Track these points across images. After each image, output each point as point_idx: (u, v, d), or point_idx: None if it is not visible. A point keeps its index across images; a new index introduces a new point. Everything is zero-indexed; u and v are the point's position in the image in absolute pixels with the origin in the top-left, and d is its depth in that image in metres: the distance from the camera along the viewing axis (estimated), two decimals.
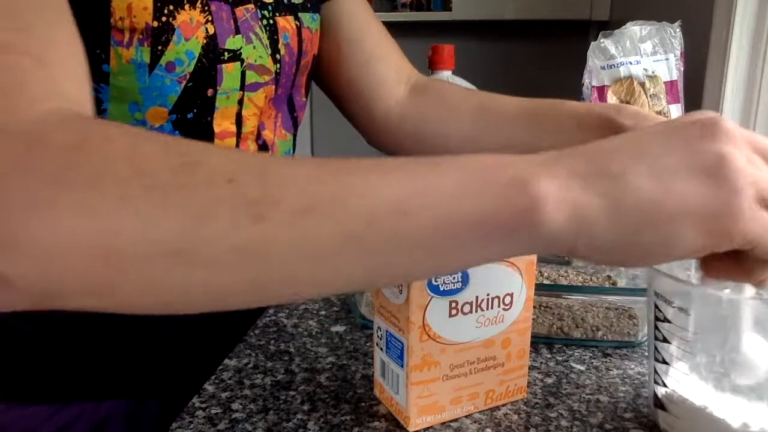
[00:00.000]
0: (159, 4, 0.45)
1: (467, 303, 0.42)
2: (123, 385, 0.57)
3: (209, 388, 0.49)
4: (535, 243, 0.28)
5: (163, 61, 0.46)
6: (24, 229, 0.25)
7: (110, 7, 0.44)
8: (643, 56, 0.81)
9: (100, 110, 0.46)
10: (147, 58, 0.45)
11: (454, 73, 0.97)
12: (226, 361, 0.53)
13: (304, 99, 0.65)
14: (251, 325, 0.59)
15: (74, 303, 0.27)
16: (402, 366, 0.42)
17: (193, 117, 0.50)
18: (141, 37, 0.45)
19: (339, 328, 0.59)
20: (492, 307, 0.43)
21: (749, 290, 0.37)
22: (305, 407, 0.46)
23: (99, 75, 0.45)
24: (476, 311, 0.43)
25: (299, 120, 0.65)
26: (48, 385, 0.54)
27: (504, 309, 0.44)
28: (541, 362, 0.53)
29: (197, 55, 0.48)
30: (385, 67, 0.68)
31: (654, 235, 0.28)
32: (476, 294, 0.42)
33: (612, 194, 0.28)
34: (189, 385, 0.50)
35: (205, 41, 0.48)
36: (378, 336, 0.45)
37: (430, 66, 0.96)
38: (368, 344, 0.56)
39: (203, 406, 0.46)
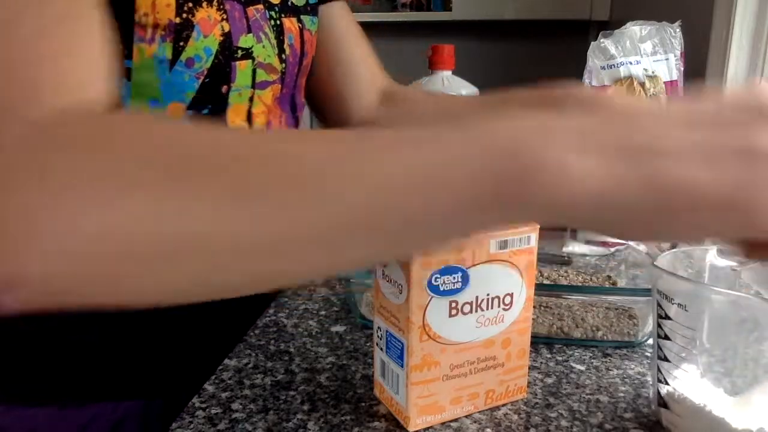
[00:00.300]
0: (181, 1, 0.46)
1: (467, 303, 0.42)
2: (133, 385, 0.57)
3: (209, 388, 0.49)
4: (537, 212, 0.26)
5: (183, 57, 0.47)
6: (40, 225, 0.25)
7: (134, 4, 0.44)
8: (643, 56, 0.81)
9: (122, 105, 0.47)
10: (169, 54, 0.46)
11: (454, 73, 0.97)
12: (226, 361, 0.53)
13: (303, 99, 0.66)
14: (251, 325, 0.59)
15: (85, 299, 0.27)
16: (402, 366, 0.42)
17: (208, 113, 0.51)
18: (164, 33, 0.46)
19: (339, 328, 0.59)
20: (492, 307, 0.43)
21: None
22: (305, 407, 0.46)
23: (121, 71, 0.45)
24: (476, 311, 0.43)
25: (299, 120, 0.66)
26: (53, 386, 0.54)
27: (504, 309, 0.44)
28: (541, 362, 0.53)
29: (214, 52, 0.49)
30: (364, 70, 0.69)
31: (673, 218, 0.25)
32: (476, 294, 0.42)
33: (637, 169, 0.25)
34: (189, 385, 0.50)
35: (221, 38, 0.49)
36: (378, 336, 0.45)
37: (430, 66, 0.96)
38: (368, 344, 0.56)
39: (203, 406, 0.46)
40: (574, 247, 0.74)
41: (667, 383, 0.41)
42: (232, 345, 0.55)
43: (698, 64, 0.92)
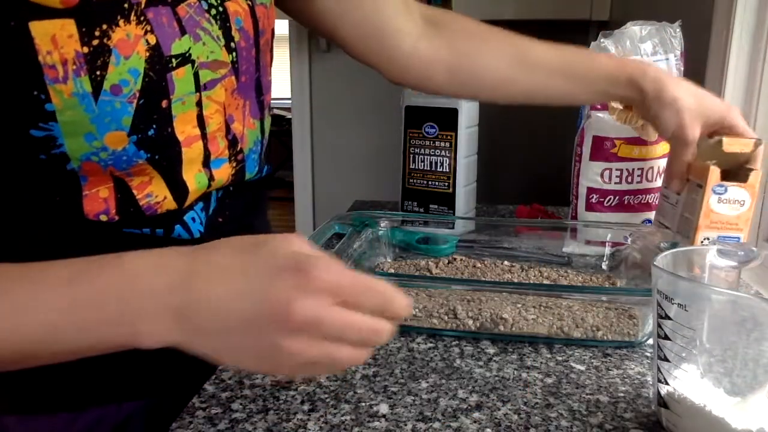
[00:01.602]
0: (85, 29, 0.43)
1: None
2: (134, 386, 0.56)
3: (209, 388, 0.49)
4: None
5: (106, 86, 0.44)
6: None
7: (34, 45, 0.42)
8: (643, 56, 0.81)
9: (57, 145, 0.45)
10: (88, 87, 0.44)
11: None
12: None
13: (269, 78, 0.62)
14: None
15: None
16: None
17: (154, 133, 0.48)
18: (75, 67, 0.43)
19: None
20: None
21: None
22: (305, 407, 0.46)
23: (45, 114, 0.43)
24: None
25: (266, 102, 0.62)
26: (63, 393, 0.54)
27: None
28: (541, 362, 0.53)
29: (142, 71, 0.46)
30: (393, 1, 0.67)
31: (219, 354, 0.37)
32: None
33: (198, 340, 0.36)
34: (189, 385, 0.50)
35: (147, 54, 0.46)
36: None
37: None
38: None
39: (203, 406, 0.46)
40: (574, 247, 0.74)
41: (667, 383, 0.41)
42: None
43: (698, 64, 0.91)
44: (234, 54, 0.53)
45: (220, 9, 0.51)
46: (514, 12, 1.82)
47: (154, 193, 0.50)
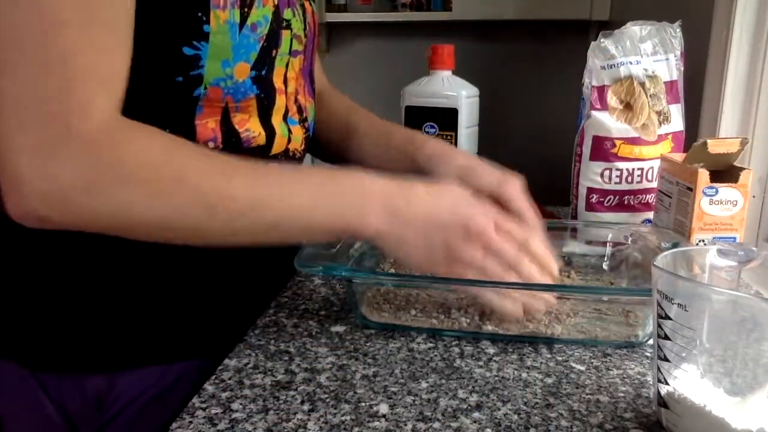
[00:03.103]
0: None
1: None
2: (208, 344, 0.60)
3: (209, 388, 0.49)
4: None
5: (249, 22, 0.54)
6: (77, 198, 0.44)
7: None
8: (643, 56, 0.81)
9: (198, 66, 0.52)
10: (238, 19, 0.53)
11: (454, 73, 0.97)
12: (226, 361, 0.53)
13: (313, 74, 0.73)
14: (251, 325, 0.59)
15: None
16: None
17: (264, 74, 0.57)
18: (233, 0, 0.52)
19: (339, 328, 0.59)
20: None
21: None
22: (305, 407, 0.46)
23: (201, 35, 0.51)
24: None
25: (314, 91, 0.73)
26: (150, 348, 0.58)
27: None
28: (541, 362, 0.53)
29: (270, 20, 0.56)
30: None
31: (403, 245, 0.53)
32: None
33: (396, 231, 0.52)
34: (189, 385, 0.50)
35: (273, 9, 0.56)
36: None
37: (430, 66, 0.96)
38: (368, 344, 0.56)
39: (203, 406, 0.46)
40: (574, 247, 0.74)
41: (667, 383, 0.41)
42: (232, 345, 0.55)
43: (698, 64, 0.91)
44: (306, 39, 0.65)
45: (301, 2, 0.64)
46: (514, 12, 1.81)
47: (252, 129, 0.58)
